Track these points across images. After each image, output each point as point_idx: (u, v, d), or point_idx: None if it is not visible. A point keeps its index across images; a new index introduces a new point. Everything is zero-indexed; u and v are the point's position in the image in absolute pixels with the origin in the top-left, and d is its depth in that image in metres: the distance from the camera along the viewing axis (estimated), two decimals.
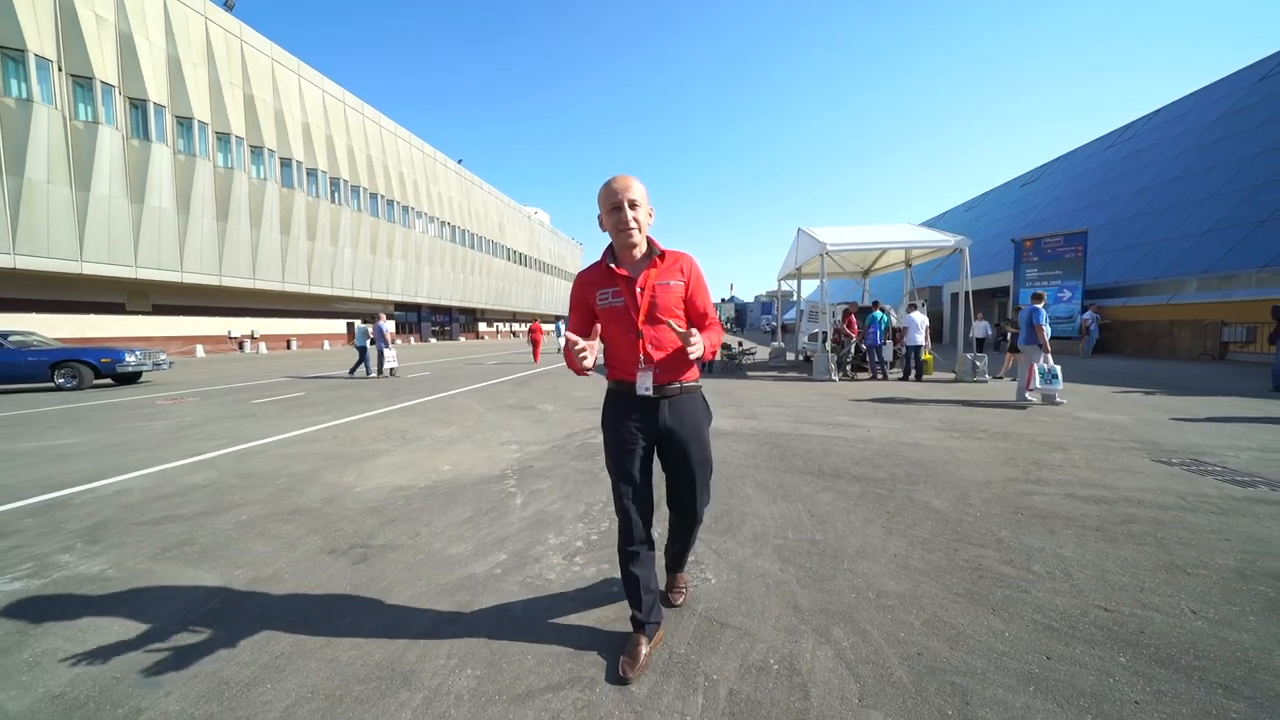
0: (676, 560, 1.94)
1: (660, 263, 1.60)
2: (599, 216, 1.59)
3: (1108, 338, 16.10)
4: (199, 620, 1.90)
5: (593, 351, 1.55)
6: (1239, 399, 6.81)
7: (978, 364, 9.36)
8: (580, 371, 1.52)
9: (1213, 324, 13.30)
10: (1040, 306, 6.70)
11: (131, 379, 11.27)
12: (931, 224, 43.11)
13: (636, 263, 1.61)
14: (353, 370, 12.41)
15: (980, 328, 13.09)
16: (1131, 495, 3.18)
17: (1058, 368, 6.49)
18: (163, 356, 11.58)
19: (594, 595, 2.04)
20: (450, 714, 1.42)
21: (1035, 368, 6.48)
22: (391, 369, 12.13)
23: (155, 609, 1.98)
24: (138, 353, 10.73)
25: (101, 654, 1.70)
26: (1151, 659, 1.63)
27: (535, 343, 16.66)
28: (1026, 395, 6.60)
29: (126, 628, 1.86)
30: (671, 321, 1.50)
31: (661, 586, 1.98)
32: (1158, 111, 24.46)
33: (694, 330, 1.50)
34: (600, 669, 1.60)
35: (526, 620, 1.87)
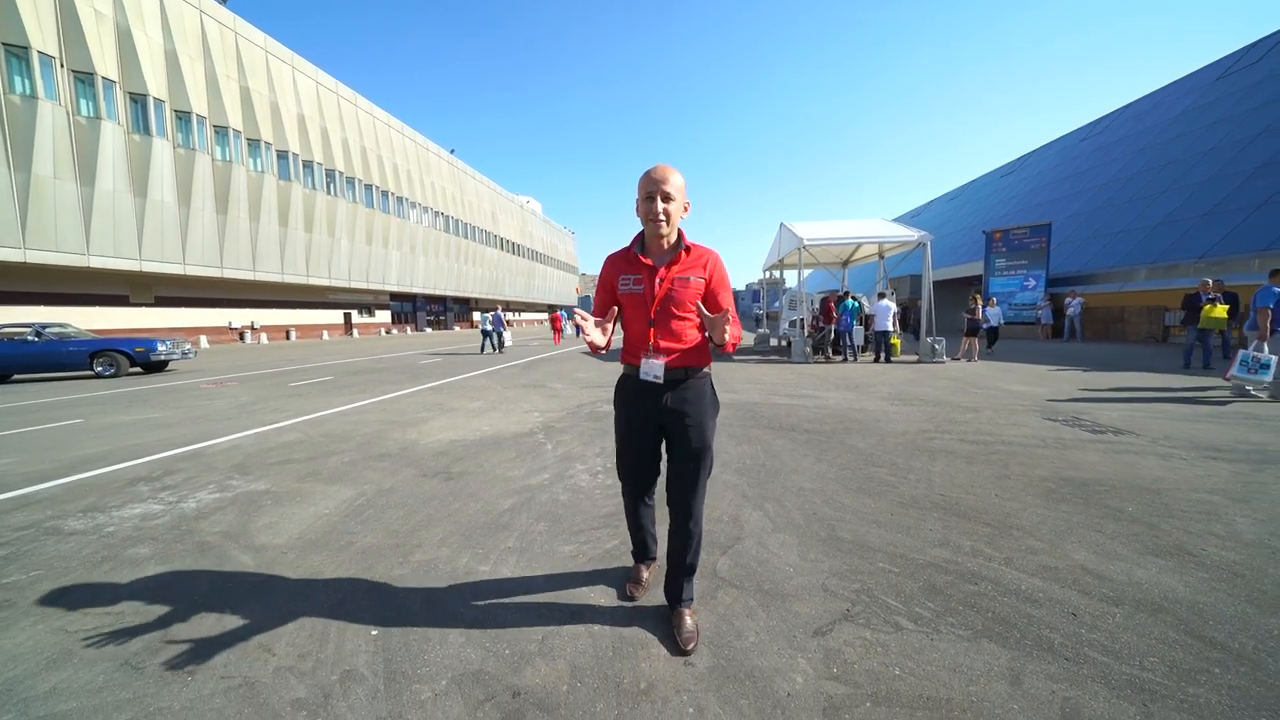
0: (677, 584, 1.76)
1: (685, 257, 1.63)
2: (636, 202, 1.60)
3: (1062, 323, 17.13)
4: (358, 509, 2.91)
5: (605, 332, 1.63)
6: (1150, 374, 7.99)
7: (936, 347, 10.49)
8: (595, 350, 1.62)
9: (1157, 310, 14.59)
10: (1276, 286, 5.68)
11: (159, 367, 12.08)
12: (916, 213, 44.28)
13: (663, 253, 1.65)
14: (483, 348, 16.11)
15: (995, 314, 12.80)
16: (1007, 439, 4.28)
17: (1272, 358, 5.63)
18: (188, 346, 12.39)
19: (615, 491, 3.08)
20: (537, 542, 2.46)
21: (1240, 353, 5.73)
22: (505, 346, 16.68)
23: (323, 505, 2.99)
24: (168, 343, 11.54)
25: (308, 520, 2.71)
26: (951, 514, 2.70)
27: (556, 330, 21.45)
28: (1248, 386, 5.82)
29: (315, 509, 2.87)
30: (700, 304, 1.56)
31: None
32: (1127, 106, 25.61)
33: (728, 311, 1.53)
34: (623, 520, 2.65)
35: (572, 503, 2.92)
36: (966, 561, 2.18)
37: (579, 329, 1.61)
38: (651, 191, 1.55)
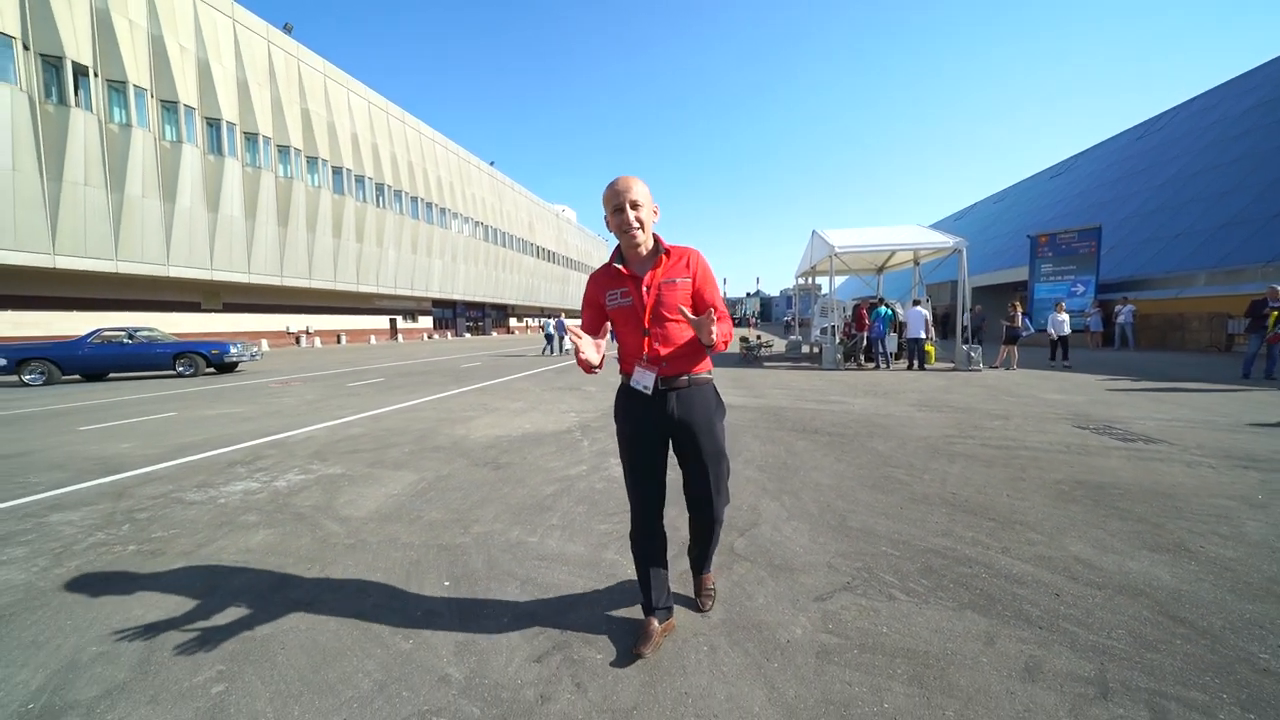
0: (700, 561, 1.96)
1: (666, 260, 1.63)
2: (605, 218, 1.61)
3: (1111, 331, 16.19)
4: (421, 491, 3.35)
5: (598, 349, 1.57)
6: (1204, 384, 7.66)
7: (972, 355, 10.33)
8: (588, 369, 1.57)
9: (1219, 317, 13.75)
10: None
11: (231, 368, 13.26)
12: (959, 216, 42.85)
13: (643, 261, 1.65)
14: (544, 351, 17.99)
15: (1062, 321, 11.28)
16: (1032, 445, 4.34)
17: None
18: (255, 349, 13.57)
19: None
20: (576, 521, 2.80)
21: None
22: (568, 350, 17.78)
23: (392, 486, 3.45)
24: (239, 346, 12.68)
25: (381, 499, 3.16)
26: (959, 510, 2.89)
27: None
28: None
29: (385, 490, 3.33)
30: (683, 308, 1.55)
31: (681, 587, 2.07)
32: (1190, 101, 24.18)
33: (712, 311, 1.51)
34: None
35: (607, 490, 3.27)
36: (965, 549, 2.38)
37: (573, 345, 1.53)
38: (619, 204, 1.55)
